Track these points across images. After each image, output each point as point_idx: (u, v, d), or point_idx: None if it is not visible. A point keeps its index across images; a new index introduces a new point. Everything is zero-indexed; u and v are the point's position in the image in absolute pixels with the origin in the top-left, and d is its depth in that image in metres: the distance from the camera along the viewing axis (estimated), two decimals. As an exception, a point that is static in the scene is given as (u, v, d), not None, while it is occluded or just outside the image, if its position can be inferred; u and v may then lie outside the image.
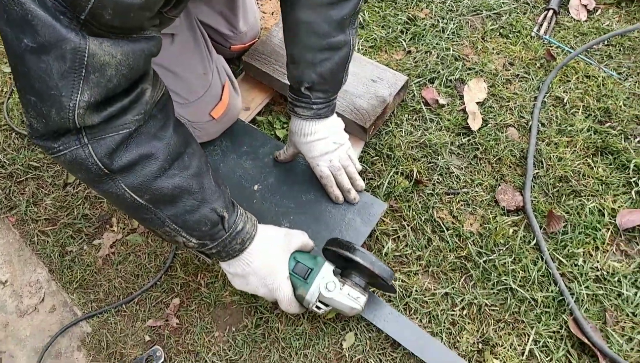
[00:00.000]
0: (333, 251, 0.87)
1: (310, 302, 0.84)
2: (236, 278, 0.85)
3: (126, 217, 1.15)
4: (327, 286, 0.83)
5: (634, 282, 0.98)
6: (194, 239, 0.75)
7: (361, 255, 0.84)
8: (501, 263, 1.01)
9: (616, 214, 1.05)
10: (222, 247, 0.79)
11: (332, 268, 0.87)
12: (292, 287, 0.84)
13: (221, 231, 0.77)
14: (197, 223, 0.73)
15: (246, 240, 0.81)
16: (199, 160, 0.74)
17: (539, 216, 1.07)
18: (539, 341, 0.93)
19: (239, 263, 0.82)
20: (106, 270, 1.09)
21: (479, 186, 1.13)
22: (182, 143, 0.71)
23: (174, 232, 0.73)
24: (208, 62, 1.07)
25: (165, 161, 0.67)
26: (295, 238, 0.88)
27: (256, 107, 1.27)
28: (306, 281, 0.84)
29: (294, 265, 0.85)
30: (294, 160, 1.13)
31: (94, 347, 1.00)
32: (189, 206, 0.71)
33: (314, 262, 0.86)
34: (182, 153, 0.70)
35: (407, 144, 1.19)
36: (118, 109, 0.60)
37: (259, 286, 0.84)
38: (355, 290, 0.85)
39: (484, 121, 1.21)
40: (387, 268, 0.85)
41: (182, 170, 0.70)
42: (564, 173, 1.12)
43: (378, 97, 1.18)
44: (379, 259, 0.84)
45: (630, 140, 1.16)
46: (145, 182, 0.65)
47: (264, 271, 0.83)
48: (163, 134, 0.67)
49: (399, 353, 0.94)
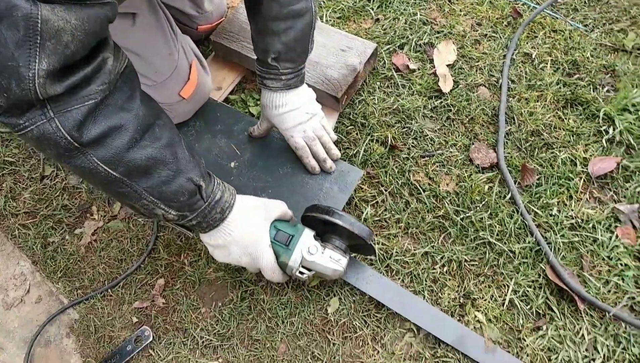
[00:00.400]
0: (312, 217, 0.88)
1: (293, 268, 0.85)
2: (218, 250, 0.85)
3: (106, 204, 1.15)
4: (310, 250, 0.85)
5: (608, 227, 1.01)
6: (173, 210, 0.75)
7: (340, 217, 0.85)
8: (478, 219, 1.03)
9: (588, 163, 1.07)
10: (202, 217, 0.79)
11: (313, 233, 0.88)
12: (275, 255, 0.85)
13: (200, 201, 0.77)
14: (174, 194, 0.73)
15: (226, 209, 0.81)
16: (170, 131, 0.73)
17: (513, 170, 1.09)
18: (519, 291, 0.96)
19: (220, 234, 0.83)
20: (89, 257, 1.09)
21: (453, 147, 1.14)
22: (151, 114, 0.70)
23: (152, 205, 0.73)
24: (173, 42, 1.06)
25: (136, 132, 0.66)
26: (275, 207, 0.88)
27: (228, 87, 1.26)
28: (288, 248, 0.85)
29: (274, 233, 0.86)
30: (268, 134, 1.13)
31: (82, 333, 1.01)
32: (164, 176, 0.71)
33: (294, 229, 0.87)
34: (152, 124, 0.70)
35: (380, 111, 1.20)
36: (80, 78, 0.59)
37: (241, 255, 0.84)
38: (336, 253, 0.86)
39: (455, 83, 1.22)
40: (366, 227, 0.86)
41: (154, 141, 0.69)
42: (536, 127, 1.13)
43: (348, 67, 1.18)
44: (357, 220, 0.86)
45: (599, 90, 1.17)
46: (118, 154, 0.65)
47: (246, 240, 0.83)
48: (130, 106, 0.66)
49: (383, 313, 0.96)
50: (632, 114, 1.12)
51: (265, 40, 0.93)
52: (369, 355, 0.93)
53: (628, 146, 1.09)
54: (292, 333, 0.96)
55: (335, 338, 0.95)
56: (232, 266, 1.03)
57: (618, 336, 0.90)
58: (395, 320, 0.96)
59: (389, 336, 0.94)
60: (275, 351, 0.95)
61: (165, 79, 1.05)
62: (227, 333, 0.98)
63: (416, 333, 0.94)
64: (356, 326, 0.95)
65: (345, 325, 0.96)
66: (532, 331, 0.92)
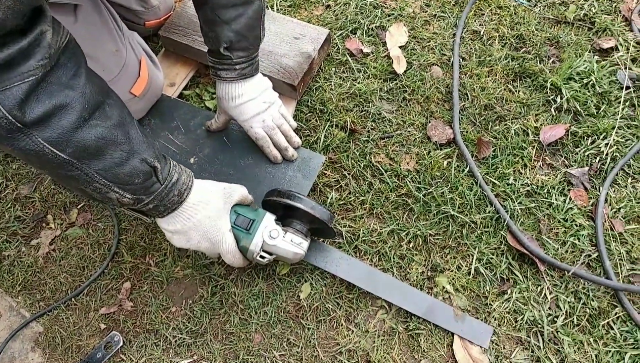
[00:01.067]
0: (273, 201, 0.88)
1: (254, 252, 0.85)
2: (176, 236, 0.83)
3: (62, 211, 1.11)
4: (271, 234, 0.84)
5: (562, 191, 1.05)
6: (128, 194, 0.73)
7: (301, 201, 0.85)
8: (439, 194, 1.05)
9: (539, 132, 1.11)
10: (159, 201, 0.77)
11: (274, 217, 0.87)
12: (235, 240, 0.84)
13: (156, 184, 0.75)
14: (128, 176, 0.71)
15: (183, 191, 0.79)
16: (121, 110, 0.71)
17: (470, 145, 1.11)
18: (482, 259, 0.99)
19: (179, 219, 0.81)
20: (49, 267, 1.05)
21: (411, 126, 1.16)
22: (99, 92, 0.67)
23: (105, 188, 0.70)
24: (119, 38, 1.03)
25: (84, 110, 0.63)
26: (235, 191, 0.87)
27: (181, 82, 1.24)
28: (249, 232, 0.84)
29: (235, 218, 0.85)
30: (227, 127, 1.11)
31: (48, 345, 0.97)
32: (117, 158, 0.68)
33: (255, 213, 0.86)
34: (101, 102, 0.67)
35: (338, 96, 1.20)
36: (16, 51, 0.56)
37: (201, 240, 0.82)
38: (297, 236, 0.86)
39: (409, 64, 1.24)
40: (326, 211, 0.87)
41: (104, 120, 0.66)
42: (488, 101, 1.16)
43: (303, 54, 1.18)
44: (318, 203, 0.86)
45: (545, 61, 1.22)
46: (65, 134, 0.62)
47: (205, 225, 0.82)
48: (76, 83, 0.63)
49: (354, 294, 0.97)
50: (577, 82, 1.17)
51: (215, 30, 0.92)
52: (343, 335, 0.94)
53: (575, 113, 1.14)
54: (266, 323, 0.96)
55: (310, 323, 0.95)
56: (200, 262, 1.02)
57: (578, 292, 0.94)
58: (366, 298, 0.97)
59: (361, 315, 0.95)
60: (251, 342, 0.95)
61: (114, 77, 1.01)
62: (200, 329, 0.96)
63: (388, 310, 0.96)
64: (329, 309, 0.96)
65: (318, 309, 0.96)
66: (497, 296, 0.95)
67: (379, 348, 0.92)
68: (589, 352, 0.89)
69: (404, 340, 0.93)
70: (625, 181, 1.05)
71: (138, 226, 1.07)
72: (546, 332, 0.91)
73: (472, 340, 0.91)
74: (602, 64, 1.19)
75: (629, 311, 0.91)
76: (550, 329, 0.91)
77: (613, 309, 0.92)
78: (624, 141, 1.09)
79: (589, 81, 1.16)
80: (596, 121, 1.12)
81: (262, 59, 1.17)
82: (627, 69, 1.18)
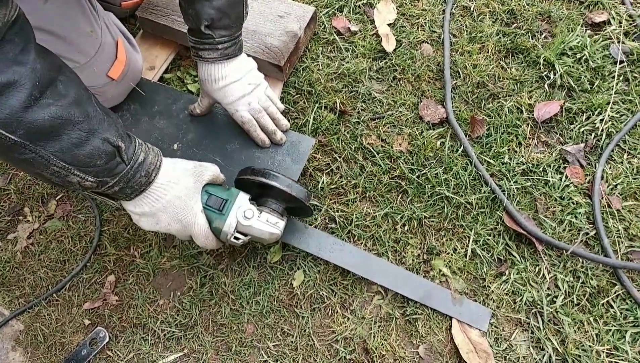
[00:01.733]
0: (247, 180, 0.84)
1: (228, 233, 0.80)
2: (144, 218, 0.78)
3: (40, 204, 1.05)
4: (245, 214, 0.80)
5: (557, 168, 1.03)
6: (90, 176, 0.68)
7: (277, 179, 0.81)
8: (433, 175, 1.02)
9: (533, 109, 1.09)
10: (126, 183, 0.72)
11: (248, 197, 0.83)
12: (207, 221, 0.80)
13: (120, 165, 0.70)
14: (89, 157, 0.66)
15: (151, 172, 0.74)
16: (77, 87, 0.65)
17: (463, 124, 1.08)
18: (479, 240, 0.96)
19: (147, 200, 0.76)
20: (28, 262, 1.00)
21: (402, 106, 1.12)
22: (51, 68, 0.62)
23: (64, 171, 0.65)
24: (94, 19, 0.97)
25: (34, 88, 0.58)
26: (206, 170, 0.82)
27: (162, 65, 1.18)
28: (222, 213, 0.80)
29: (206, 198, 0.80)
30: (211, 111, 1.06)
31: (30, 343, 0.93)
32: (74, 138, 0.63)
33: (228, 193, 0.82)
34: (54, 79, 0.62)
35: (326, 77, 1.16)
36: None
37: (170, 222, 0.78)
38: (273, 216, 0.82)
39: (398, 42, 1.20)
40: (303, 189, 0.83)
41: (58, 98, 0.61)
42: (480, 78, 1.13)
43: (288, 33, 1.13)
44: (294, 181, 0.82)
45: (537, 37, 1.19)
46: (14, 114, 0.57)
47: (175, 206, 0.77)
48: (25, 59, 0.58)
49: (349, 280, 0.94)
50: (570, 57, 1.14)
51: (194, 7, 0.86)
52: (339, 323, 0.91)
53: (569, 89, 1.11)
54: (258, 313, 0.93)
55: (304, 311, 0.92)
56: (188, 252, 0.98)
57: (576, 271, 0.92)
58: (362, 284, 0.94)
59: (357, 301, 0.93)
60: (243, 333, 0.91)
61: (89, 59, 0.96)
62: (190, 322, 0.93)
63: (384, 295, 0.93)
64: (323, 296, 0.93)
65: (312, 296, 0.93)
66: (495, 277, 0.93)
67: (376, 335, 0.89)
68: (589, 331, 0.87)
69: (402, 326, 0.91)
70: (621, 157, 1.03)
71: (121, 216, 1.02)
72: (545, 312, 0.89)
73: (470, 324, 0.89)
74: (594, 38, 1.17)
75: (629, 289, 0.90)
76: (549, 309, 0.89)
77: (612, 287, 0.91)
78: (619, 116, 1.07)
79: (582, 56, 1.14)
80: (590, 96, 1.09)
81: (246, 39, 1.12)
82: (620, 43, 1.16)
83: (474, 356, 0.86)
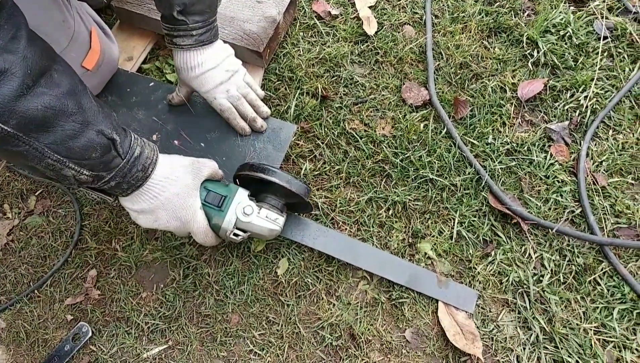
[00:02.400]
0: (246, 176, 0.83)
1: (227, 230, 0.79)
2: (142, 215, 0.77)
3: (20, 200, 1.04)
4: (245, 210, 0.79)
5: (542, 147, 1.02)
6: (86, 170, 0.66)
7: (276, 175, 0.80)
8: (417, 158, 1.01)
9: (517, 88, 1.07)
10: (122, 177, 0.71)
11: (247, 193, 0.82)
12: (207, 218, 0.79)
13: (116, 159, 0.69)
14: (84, 150, 0.64)
15: (148, 166, 0.73)
16: (71, 78, 0.64)
17: (446, 105, 1.07)
18: (464, 222, 0.95)
19: (145, 196, 0.75)
20: (8, 259, 0.98)
21: (385, 90, 1.10)
22: (44, 57, 0.60)
23: (59, 164, 0.64)
24: (66, 8, 0.95)
25: (27, 76, 0.56)
26: (205, 166, 0.81)
27: (140, 55, 1.16)
28: (221, 210, 0.79)
29: (205, 195, 0.79)
30: (190, 100, 1.05)
31: (12, 341, 0.91)
32: (69, 129, 0.62)
33: (227, 189, 0.81)
34: (47, 68, 0.60)
35: (307, 62, 1.14)
36: None
37: (169, 220, 0.77)
38: (273, 212, 0.82)
39: (379, 24, 1.18)
40: (303, 184, 0.82)
41: (52, 88, 0.60)
42: (463, 59, 1.12)
43: (267, 18, 1.11)
44: (294, 177, 0.81)
45: (520, 15, 1.17)
46: (6, 104, 0.55)
47: (174, 203, 0.76)
48: (15, 47, 0.56)
49: (334, 266, 0.93)
50: (554, 35, 1.12)
51: (167, -8, 0.84)
52: (324, 309, 0.90)
53: (553, 67, 1.10)
54: (243, 302, 0.91)
55: (289, 299, 0.91)
56: (170, 244, 0.97)
57: (562, 250, 0.92)
58: (347, 270, 0.93)
59: (342, 287, 0.91)
60: (228, 323, 0.90)
61: (62, 49, 0.93)
62: (174, 314, 0.91)
63: (370, 280, 0.92)
64: (308, 283, 0.92)
65: (297, 284, 0.92)
66: (481, 259, 0.92)
67: (362, 320, 0.89)
68: (576, 309, 0.87)
69: (388, 310, 0.90)
70: (607, 134, 1.02)
71: (102, 210, 1.01)
72: (532, 292, 0.88)
73: (457, 306, 0.88)
74: (578, 15, 1.15)
75: (615, 266, 0.89)
76: (536, 289, 0.89)
77: (599, 264, 0.90)
78: (604, 92, 1.06)
79: (565, 33, 1.12)
80: (574, 73, 1.08)
81: (223, 26, 1.10)
82: (603, 18, 1.14)
83: (461, 338, 0.85)
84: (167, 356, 0.89)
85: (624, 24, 1.12)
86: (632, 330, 0.85)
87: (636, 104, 1.05)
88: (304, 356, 0.87)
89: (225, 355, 0.88)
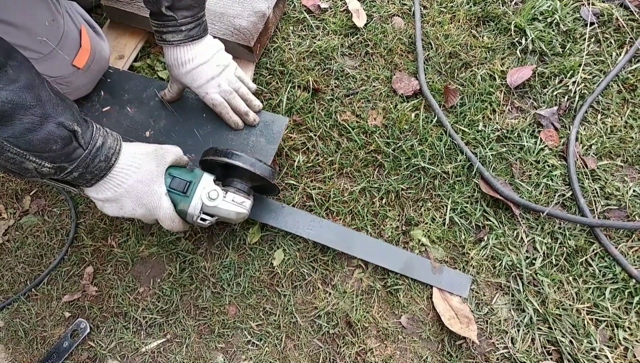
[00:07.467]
0: (210, 161, 0.83)
1: (194, 215, 0.80)
2: (108, 204, 0.77)
3: (15, 200, 1.04)
4: (210, 195, 0.79)
5: (532, 133, 1.03)
6: (47, 162, 0.67)
7: (240, 158, 0.80)
8: (409, 147, 1.02)
9: (506, 75, 1.08)
10: (85, 168, 0.71)
11: (212, 178, 0.82)
12: (172, 204, 0.79)
13: (78, 150, 0.69)
14: (44, 142, 0.64)
15: (111, 156, 0.73)
16: (28, 72, 0.64)
17: (437, 94, 1.08)
18: (457, 208, 0.96)
19: (109, 185, 0.75)
20: (5, 259, 0.99)
21: (376, 81, 1.11)
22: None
23: (19, 158, 0.64)
24: (54, 7, 0.95)
25: None
26: (168, 152, 0.81)
27: (131, 53, 1.16)
28: (186, 195, 0.79)
29: (170, 181, 0.79)
30: (182, 96, 1.05)
31: (11, 339, 0.92)
32: (27, 123, 0.62)
33: (191, 175, 0.81)
34: (3, 64, 0.60)
35: (298, 56, 1.15)
36: None
37: (135, 207, 0.77)
38: (239, 196, 0.82)
39: (369, 17, 1.19)
40: (267, 167, 0.82)
41: (8, 83, 0.60)
42: (452, 48, 1.13)
43: (257, 13, 1.11)
44: (258, 160, 0.81)
45: (508, 3, 1.18)
46: None
47: (139, 191, 0.76)
48: None
49: (329, 256, 0.94)
50: (541, 22, 1.13)
51: (154, -13, 0.85)
52: (321, 298, 0.91)
53: (541, 54, 1.11)
54: (240, 294, 0.92)
55: (285, 290, 0.92)
56: (166, 239, 0.97)
57: (554, 233, 0.93)
58: (342, 259, 0.94)
59: (338, 276, 0.92)
60: (225, 315, 0.91)
61: (52, 49, 0.93)
62: (171, 307, 0.92)
63: (365, 268, 0.93)
64: (304, 273, 0.93)
65: (293, 274, 0.93)
66: (474, 244, 0.93)
67: (358, 308, 0.89)
68: (569, 290, 0.88)
69: (383, 297, 0.91)
70: (595, 118, 1.03)
71: (97, 207, 1.01)
72: (525, 274, 0.89)
73: (451, 291, 0.89)
74: (565, 1, 1.16)
75: (606, 247, 0.90)
76: (529, 272, 0.90)
77: (590, 246, 0.91)
78: (592, 77, 1.07)
79: (553, 19, 1.13)
80: (562, 59, 1.09)
81: (213, 22, 1.10)
82: (590, 5, 1.15)
83: (456, 322, 0.86)
84: (166, 349, 0.89)
85: (610, 10, 1.13)
86: (625, 309, 0.86)
87: (624, 88, 1.06)
88: (302, 345, 0.88)
89: (223, 347, 0.89)
